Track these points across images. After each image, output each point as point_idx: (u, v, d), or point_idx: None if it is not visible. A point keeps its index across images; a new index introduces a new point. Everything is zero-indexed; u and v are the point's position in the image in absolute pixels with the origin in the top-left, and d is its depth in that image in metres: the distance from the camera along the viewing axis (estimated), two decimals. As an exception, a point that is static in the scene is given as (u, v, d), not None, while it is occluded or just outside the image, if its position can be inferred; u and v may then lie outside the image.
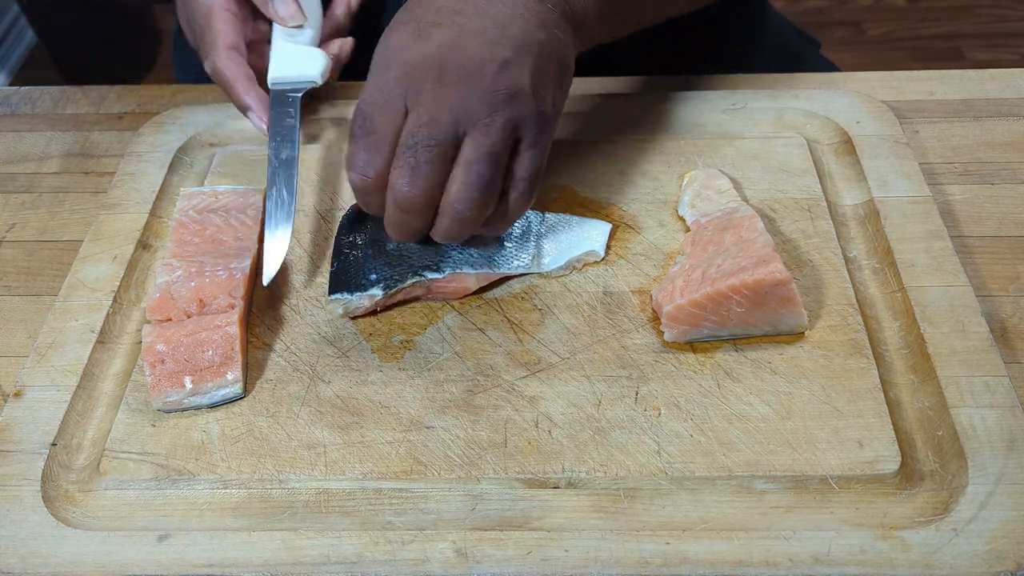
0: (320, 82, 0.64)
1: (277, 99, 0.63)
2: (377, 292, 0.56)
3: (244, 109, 0.60)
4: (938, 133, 0.71)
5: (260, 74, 0.65)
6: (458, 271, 0.57)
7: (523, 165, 0.52)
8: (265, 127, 0.59)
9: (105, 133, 0.76)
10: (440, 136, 0.49)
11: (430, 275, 0.57)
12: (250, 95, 0.60)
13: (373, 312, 0.58)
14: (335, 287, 0.56)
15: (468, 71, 0.49)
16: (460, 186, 0.50)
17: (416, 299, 0.59)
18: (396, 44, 0.51)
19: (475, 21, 0.50)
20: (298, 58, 0.63)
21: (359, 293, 0.56)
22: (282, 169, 0.60)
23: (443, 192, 0.51)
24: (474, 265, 0.58)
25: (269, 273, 0.58)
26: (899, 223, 0.62)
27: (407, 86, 0.49)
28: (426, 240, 0.54)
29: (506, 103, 0.50)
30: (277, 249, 0.58)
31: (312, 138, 0.72)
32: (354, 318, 0.58)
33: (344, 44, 0.66)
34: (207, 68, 0.60)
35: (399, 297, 0.58)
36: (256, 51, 0.67)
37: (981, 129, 0.71)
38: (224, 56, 0.60)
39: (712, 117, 0.71)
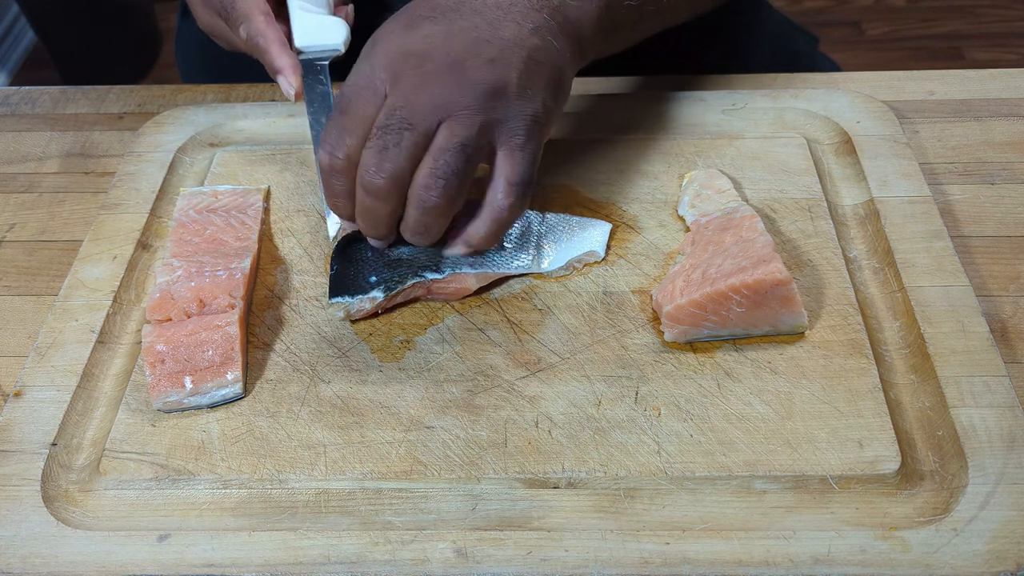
0: (343, 51, 0.64)
1: (307, 67, 0.63)
2: (378, 295, 0.56)
3: (275, 72, 0.61)
4: (938, 133, 0.71)
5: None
6: (458, 271, 0.57)
7: (508, 167, 0.52)
8: (293, 91, 0.60)
9: (105, 133, 0.76)
10: (414, 120, 0.49)
11: (430, 275, 0.57)
12: (283, 59, 0.60)
13: (374, 314, 0.58)
14: (335, 291, 0.56)
15: (452, 61, 0.49)
16: (427, 172, 0.50)
17: (416, 300, 0.59)
18: (385, 32, 0.52)
19: (468, 19, 0.51)
20: (320, 27, 0.63)
21: (360, 296, 0.56)
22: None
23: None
24: (474, 265, 0.58)
25: (332, 229, 0.59)
26: (899, 223, 0.62)
27: (389, 71, 0.50)
28: None
29: (487, 98, 0.50)
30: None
31: (309, 139, 0.72)
32: (355, 321, 0.58)
33: (349, 11, 0.66)
34: (241, 33, 0.61)
35: (400, 299, 0.58)
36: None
37: (981, 129, 0.71)
38: (261, 20, 0.60)
39: (712, 117, 0.71)
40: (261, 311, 0.59)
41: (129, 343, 0.58)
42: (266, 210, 0.66)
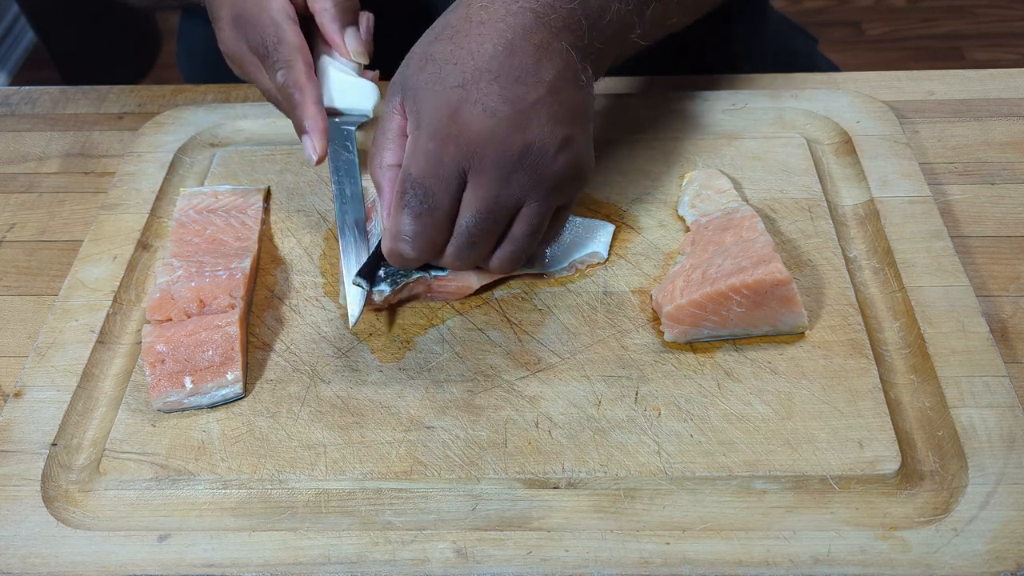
0: (371, 116, 0.62)
1: (334, 131, 0.61)
2: (385, 288, 0.56)
3: (302, 132, 0.58)
4: (938, 133, 0.71)
5: None
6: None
7: (557, 223, 0.56)
8: (316, 157, 0.57)
9: (105, 133, 0.76)
10: (501, 216, 0.51)
11: (434, 272, 0.57)
12: (316, 120, 0.57)
13: (378, 310, 0.58)
14: (359, 274, 0.56)
15: (533, 153, 0.49)
16: (506, 257, 0.54)
17: (416, 297, 0.59)
18: (447, 105, 0.48)
19: (532, 90, 0.49)
20: (353, 89, 0.61)
21: (373, 287, 0.56)
22: (350, 205, 0.59)
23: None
24: None
25: (353, 314, 0.56)
26: (899, 223, 0.62)
27: (468, 161, 0.49)
28: None
29: (566, 183, 0.52)
30: (359, 293, 0.56)
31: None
32: (373, 310, 0.58)
33: (375, 76, 0.64)
34: (279, 79, 0.58)
35: (404, 294, 0.58)
36: None
37: (981, 129, 0.71)
38: (303, 72, 0.57)
39: (712, 117, 0.71)
40: (261, 311, 0.59)
41: (129, 343, 0.58)
42: (266, 210, 0.66)
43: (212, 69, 0.91)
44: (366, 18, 0.62)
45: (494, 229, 0.52)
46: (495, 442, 0.51)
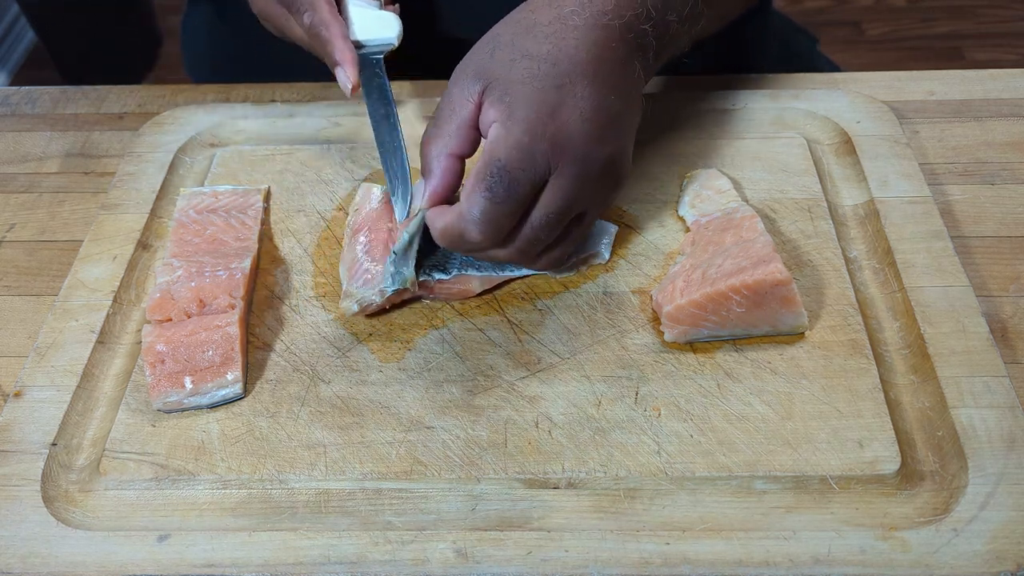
0: (396, 44, 0.64)
1: (363, 62, 0.63)
2: (388, 288, 0.56)
3: (335, 64, 0.60)
4: (938, 133, 0.71)
5: None
6: (464, 273, 0.58)
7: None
8: (351, 85, 0.60)
9: (105, 133, 0.76)
10: (567, 218, 0.53)
11: (437, 275, 0.57)
12: (346, 52, 0.60)
13: (382, 311, 0.58)
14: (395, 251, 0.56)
15: (615, 164, 0.53)
16: (555, 257, 0.57)
17: (418, 299, 0.59)
18: (546, 104, 0.50)
19: (617, 102, 0.52)
20: (374, 21, 0.64)
21: (373, 288, 0.56)
22: (386, 127, 0.61)
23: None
24: (480, 268, 0.58)
25: (400, 215, 0.57)
26: (899, 223, 0.62)
27: (556, 161, 0.50)
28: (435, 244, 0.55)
29: (617, 191, 0.56)
30: (404, 199, 0.58)
31: (309, 139, 0.72)
32: (369, 316, 0.58)
33: (396, 8, 0.67)
34: (305, 20, 0.60)
35: (407, 295, 0.58)
36: None
37: (981, 129, 0.71)
38: (326, 10, 0.60)
39: (712, 117, 0.71)
40: (261, 311, 0.59)
41: (129, 343, 0.58)
42: (266, 210, 0.66)
43: (216, 67, 0.91)
44: None
45: (558, 229, 0.53)
46: (495, 442, 0.51)
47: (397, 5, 0.66)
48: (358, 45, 0.63)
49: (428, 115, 0.72)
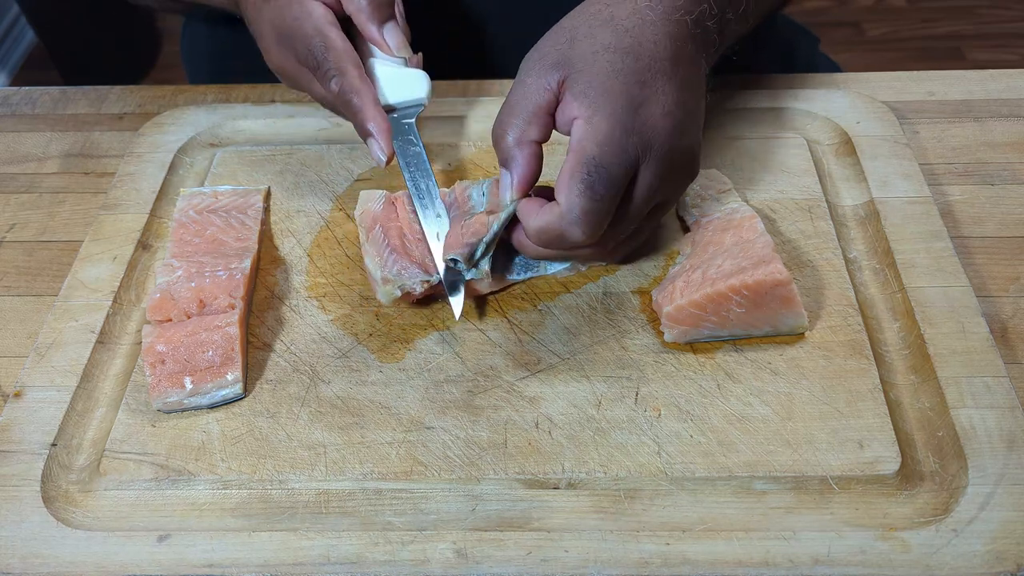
0: (427, 104, 0.62)
1: (396, 128, 0.61)
2: (434, 278, 0.56)
3: (367, 135, 0.58)
4: (938, 133, 0.71)
5: None
6: (526, 276, 0.59)
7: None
8: (385, 158, 0.57)
9: (105, 133, 0.76)
10: (649, 208, 0.54)
11: (508, 275, 0.59)
12: (378, 121, 0.57)
13: (421, 298, 0.58)
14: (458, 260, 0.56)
15: (690, 156, 0.53)
16: (628, 247, 0.58)
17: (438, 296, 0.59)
18: (632, 98, 0.50)
19: (692, 98, 0.53)
20: (404, 81, 0.61)
21: (419, 278, 0.56)
22: (428, 199, 0.59)
23: None
24: (532, 269, 0.59)
25: (457, 307, 0.57)
26: (899, 223, 0.62)
27: (644, 155, 0.50)
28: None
29: (692, 180, 0.56)
30: (458, 283, 0.57)
31: (309, 139, 0.72)
32: (401, 300, 0.57)
33: (419, 59, 0.64)
34: (333, 87, 0.58)
35: (429, 292, 0.58)
36: None
37: (981, 129, 0.71)
38: (355, 76, 0.57)
39: (712, 117, 0.71)
40: (261, 311, 0.59)
41: (129, 343, 0.58)
42: (266, 210, 0.66)
43: (216, 70, 0.91)
44: (398, 5, 0.62)
45: (639, 220, 0.54)
46: (495, 442, 0.51)
47: (420, 56, 0.63)
48: (388, 109, 0.61)
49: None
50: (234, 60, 0.88)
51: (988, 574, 0.45)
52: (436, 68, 0.68)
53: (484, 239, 0.54)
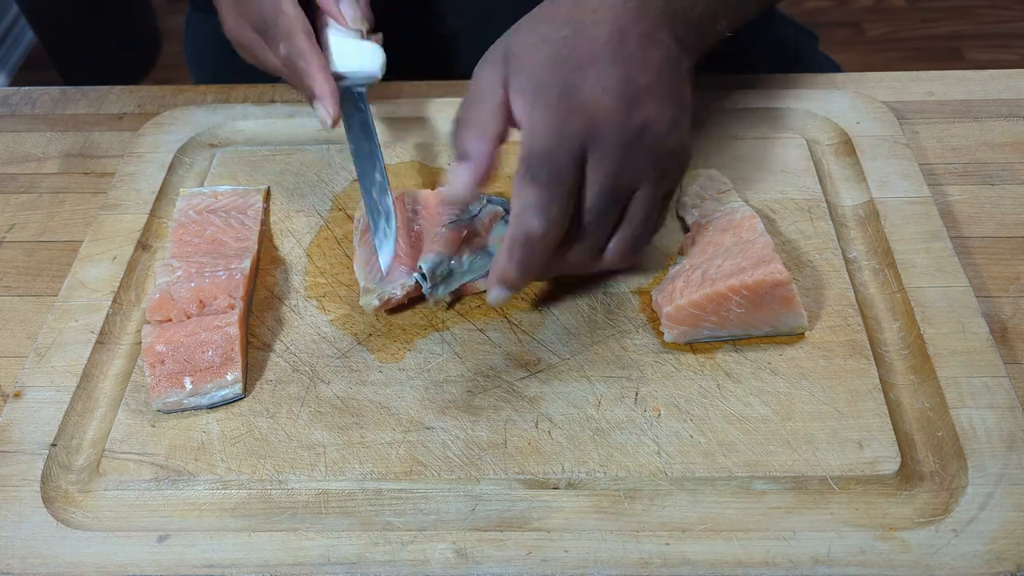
0: (380, 77, 0.63)
1: (345, 94, 0.61)
2: (410, 281, 0.56)
3: (314, 98, 0.59)
4: (938, 134, 0.71)
5: None
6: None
7: (665, 211, 0.56)
8: (331, 120, 0.58)
9: (105, 133, 0.76)
10: (620, 195, 0.51)
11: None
12: (324, 85, 0.58)
13: (400, 305, 0.58)
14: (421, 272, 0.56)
15: (650, 131, 0.50)
16: (626, 242, 0.53)
17: (421, 299, 0.59)
18: (567, 85, 0.49)
19: (644, 74, 0.50)
20: (359, 53, 0.62)
21: (395, 283, 0.57)
22: (369, 162, 0.59)
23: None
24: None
25: (385, 261, 0.56)
26: (899, 224, 0.62)
27: (589, 138, 0.49)
28: None
29: (673, 164, 0.52)
30: (390, 241, 0.56)
31: (309, 139, 0.72)
32: (389, 311, 0.58)
33: (379, 38, 0.65)
34: (281, 51, 0.59)
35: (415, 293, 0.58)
36: None
37: (981, 129, 0.71)
38: (304, 40, 0.58)
39: (712, 117, 0.71)
40: (261, 311, 0.59)
41: (129, 343, 0.58)
42: (266, 210, 0.66)
43: (220, 67, 0.91)
44: None
45: (614, 209, 0.52)
46: (495, 442, 0.51)
47: (380, 34, 0.64)
48: (339, 77, 0.61)
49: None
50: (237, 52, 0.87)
51: (988, 574, 0.45)
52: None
53: (451, 260, 0.54)
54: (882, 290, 0.59)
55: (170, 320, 0.56)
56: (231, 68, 0.86)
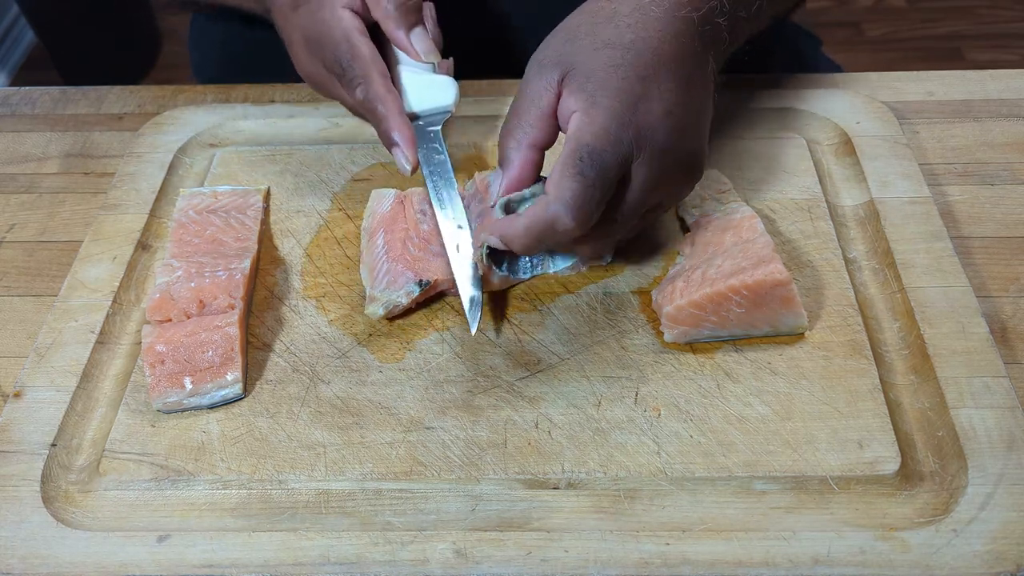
0: (453, 111, 0.61)
1: (420, 134, 0.60)
2: (414, 288, 0.56)
3: (391, 144, 0.57)
4: (938, 134, 0.71)
5: None
6: (534, 274, 0.59)
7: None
8: (410, 167, 0.57)
9: (105, 133, 0.76)
10: (647, 206, 0.53)
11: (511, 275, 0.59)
12: (403, 131, 0.57)
13: (407, 311, 0.58)
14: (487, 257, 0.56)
15: (689, 162, 0.53)
16: (610, 242, 0.57)
17: (440, 296, 0.59)
18: (631, 93, 0.50)
19: (697, 98, 0.52)
20: (430, 88, 0.60)
21: (400, 291, 0.56)
22: (450, 209, 0.58)
23: None
24: (530, 268, 0.59)
25: (474, 322, 0.55)
26: (899, 224, 0.62)
27: (640, 150, 0.50)
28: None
29: (694, 184, 0.56)
30: (473, 286, 0.56)
31: (309, 139, 0.72)
32: (391, 319, 0.58)
33: (450, 64, 0.63)
34: (358, 95, 0.57)
35: (431, 292, 0.58)
36: None
37: (981, 129, 0.71)
38: (381, 84, 0.57)
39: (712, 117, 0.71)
40: (261, 311, 0.59)
41: (129, 343, 0.58)
42: (266, 210, 0.66)
43: (224, 64, 0.91)
44: (429, 9, 0.61)
45: (634, 219, 0.54)
46: (495, 442, 0.51)
47: (451, 60, 0.63)
48: (414, 116, 0.60)
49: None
50: (242, 49, 0.87)
51: (988, 574, 0.45)
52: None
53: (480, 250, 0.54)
54: (882, 290, 0.59)
55: (170, 320, 0.56)
56: (235, 70, 0.86)
